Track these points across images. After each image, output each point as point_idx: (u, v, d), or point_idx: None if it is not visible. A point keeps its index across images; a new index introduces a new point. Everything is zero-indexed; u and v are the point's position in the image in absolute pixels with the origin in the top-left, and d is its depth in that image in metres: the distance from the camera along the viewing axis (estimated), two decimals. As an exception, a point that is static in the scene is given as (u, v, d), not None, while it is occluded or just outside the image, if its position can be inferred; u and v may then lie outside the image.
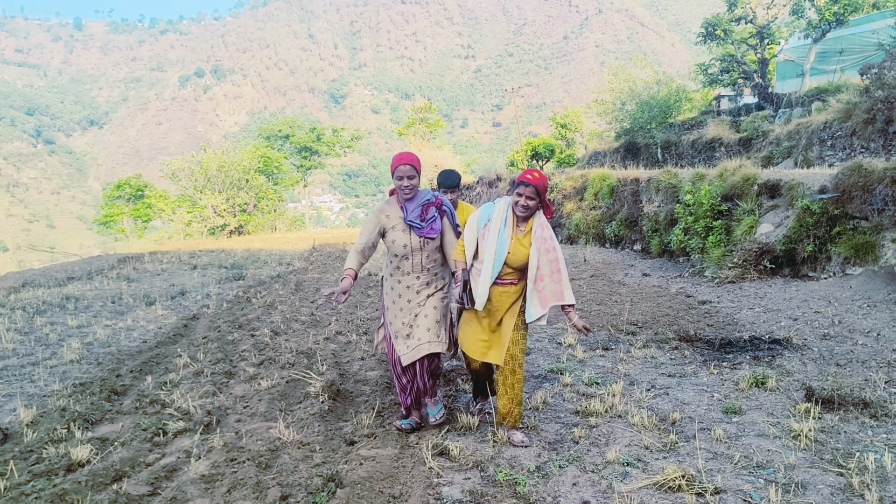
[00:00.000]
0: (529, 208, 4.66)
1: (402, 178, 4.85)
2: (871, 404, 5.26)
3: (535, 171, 4.69)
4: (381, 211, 5.05)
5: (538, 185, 4.60)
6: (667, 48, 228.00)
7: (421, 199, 4.99)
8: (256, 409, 5.72)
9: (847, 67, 24.47)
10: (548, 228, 4.76)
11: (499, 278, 4.75)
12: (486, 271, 4.72)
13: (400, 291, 5.03)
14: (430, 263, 5.05)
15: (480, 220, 4.83)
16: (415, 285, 5.03)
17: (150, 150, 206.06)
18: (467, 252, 4.85)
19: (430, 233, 4.96)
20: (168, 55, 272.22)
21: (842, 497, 3.85)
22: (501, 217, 4.77)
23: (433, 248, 5.04)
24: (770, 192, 12.51)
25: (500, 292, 4.77)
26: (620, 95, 29.64)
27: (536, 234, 4.70)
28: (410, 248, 4.96)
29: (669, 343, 7.82)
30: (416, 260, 4.99)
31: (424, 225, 4.94)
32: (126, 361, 7.55)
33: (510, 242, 4.72)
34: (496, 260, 4.68)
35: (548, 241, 4.71)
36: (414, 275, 5.02)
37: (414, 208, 4.94)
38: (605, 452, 4.60)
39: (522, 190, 4.63)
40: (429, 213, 4.97)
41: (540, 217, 4.77)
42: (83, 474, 4.32)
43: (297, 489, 4.14)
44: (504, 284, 4.77)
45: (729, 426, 5.05)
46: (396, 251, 4.99)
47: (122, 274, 16.60)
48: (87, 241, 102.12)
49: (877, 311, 8.44)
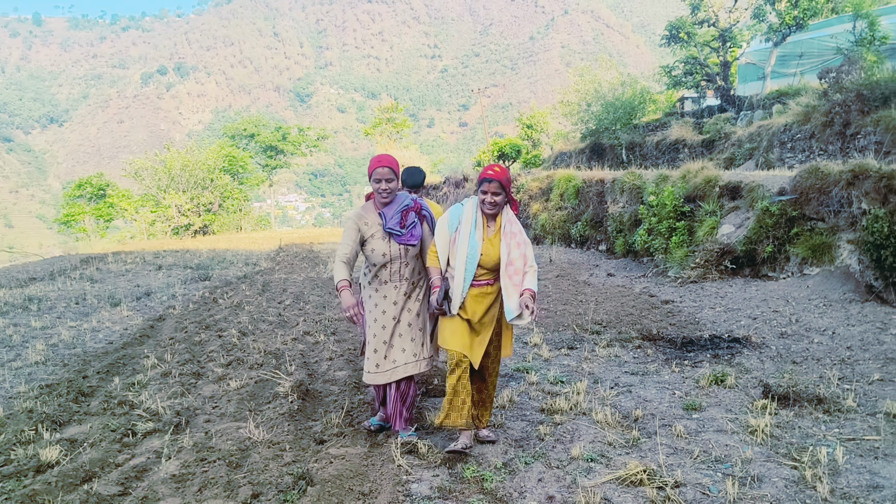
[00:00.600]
0: (497, 204, 4.58)
1: (380, 181, 4.68)
2: (825, 400, 5.45)
3: (497, 166, 4.60)
4: (360, 218, 4.84)
5: (501, 179, 4.51)
6: (632, 49, 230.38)
7: (399, 203, 4.81)
8: (226, 410, 5.75)
9: (807, 71, 24.97)
10: (516, 223, 4.69)
11: (475, 280, 4.63)
12: (459, 275, 4.60)
13: (377, 301, 4.87)
14: (409, 272, 4.89)
15: (451, 223, 4.68)
16: (392, 295, 4.85)
17: (112, 149, 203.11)
18: (441, 257, 4.71)
19: (410, 240, 4.78)
20: (130, 52, 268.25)
21: (795, 489, 4.01)
22: (471, 219, 4.64)
23: (413, 256, 4.88)
24: (731, 193, 12.78)
25: (477, 294, 4.66)
26: (586, 97, 29.96)
27: (506, 230, 4.63)
28: (390, 257, 4.79)
29: (633, 342, 7.99)
30: (394, 268, 4.83)
31: (404, 232, 4.76)
32: (92, 363, 7.52)
33: (482, 243, 4.62)
34: (469, 262, 4.58)
35: (517, 235, 4.63)
36: (392, 284, 4.85)
37: (392, 214, 4.76)
38: (569, 449, 4.72)
39: (487, 187, 4.54)
40: (408, 218, 4.80)
41: (508, 213, 4.69)
42: (53, 475, 4.33)
43: (268, 487, 4.19)
44: (480, 285, 4.66)
45: (689, 422, 5.20)
46: (375, 260, 4.82)
47: (85, 274, 16.41)
48: (46, 240, 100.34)
49: (832, 311, 8.70)
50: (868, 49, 19.42)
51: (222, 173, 41.73)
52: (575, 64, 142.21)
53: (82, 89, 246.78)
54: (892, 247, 8.63)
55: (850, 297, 9.07)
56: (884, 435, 4.76)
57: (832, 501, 3.83)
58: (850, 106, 15.56)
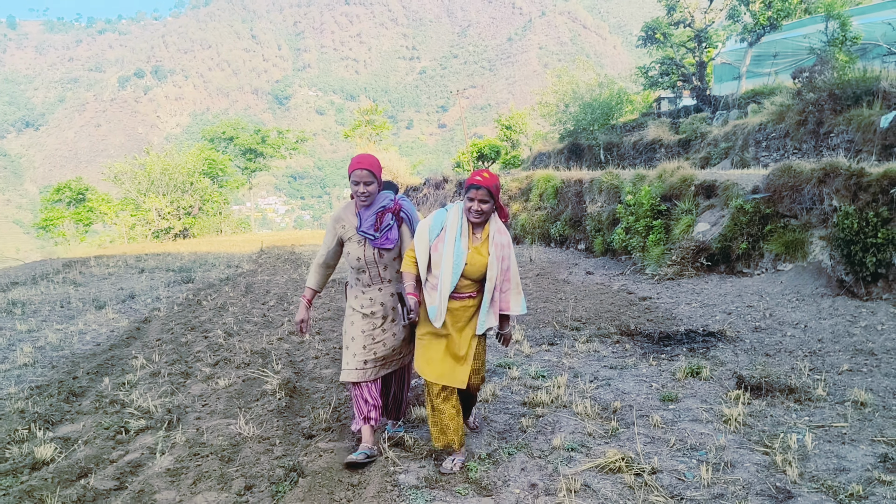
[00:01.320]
0: (484, 212, 4.30)
1: (357, 183, 4.49)
2: (796, 390, 5.67)
3: (485, 172, 4.33)
4: (338, 220, 4.72)
5: (490, 186, 4.23)
6: (609, 50, 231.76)
7: (377, 205, 4.62)
8: (215, 407, 5.88)
9: (781, 70, 25.35)
10: (505, 234, 4.44)
11: (456, 292, 4.35)
12: (443, 285, 4.31)
13: (363, 302, 4.73)
14: (391, 275, 4.73)
15: (433, 228, 4.40)
16: (379, 297, 4.72)
17: (89, 153, 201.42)
18: (420, 264, 4.40)
19: (384, 243, 4.60)
20: (106, 55, 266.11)
21: (766, 473, 4.21)
22: (456, 225, 4.36)
23: (391, 259, 4.70)
24: (706, 192, 13.04)
25: (458, 307, 4.38)
26: (564, 98, 30.26)
27: (495, 241, 4.36)
28: (365, 261, 4.64)
29: (611, 337, 8.19)
30: (373, 272, 4.68)
31: (378, 235, 4.58)
32: (81, 364, 7.60)
33: (467, 252, 4.33)
34: (454, 274, 4.28)
35: (505, 248, 4.39)
36: (375, 287, 4.72)
37: (368, 216, 4.59)
38: (551, 439, 4.89)
39: (474, 194, 4.25)
40: (384, 220, 4.61)
41: (496, 222, 4.43)
42: (49, 472, 4.44)
43: (260, 480, 4.34)
44: (462, 298, 4.38)
45: (666, 413, 5.39)
46: (352, 263, 4.70)
47: (67, 278, 16.40)
48: (23, 245, 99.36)
49: (805, 305, 8.95)
50: (840, 49, 19.78)
51: (202, 176, 41.65)
52: (553, 65, 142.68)
53: (58, 93, 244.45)
54: (862, 242, 8.88)
55: (822, 292, 9.33)
56: (851, 422, 4.98)
57: (801, 484, 4.03)
58: (822, 105, 15.88)
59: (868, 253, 8.82)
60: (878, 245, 8.73)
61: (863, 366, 6.40)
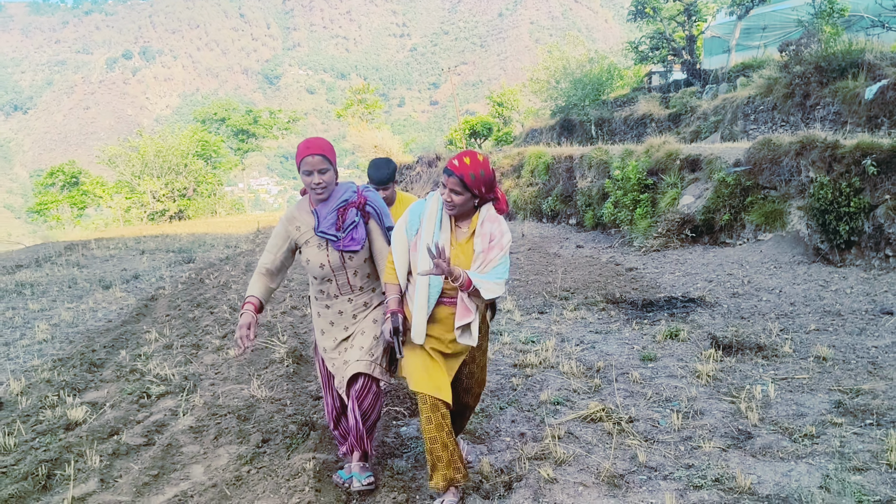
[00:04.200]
0: (455, 205, 3.53)
1: (310, 172, 3.68)
2: (765, 348, 6.14)
3: (467, 156, 3.50)
4: (291, 220, 3.90)
5: (463, 175, 3.44)
6: (600, 24, 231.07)
7: (337, 199, 3.82)
8: (228, 374, 6.32)
9: (770, 43, 25.61)
10: (499, 222, 3.62)
11: (444, 296, 3.60)
12: (420, 295, 3.56)
13: (331, 318, 3.96)
14: (362, 281, 3.94)
15: (410, 225, 3.68)
16: (349, 309, 3.94)
17: (79, 136, 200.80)
18: (399, 270, 3.68)
19: (350, 245, 3.80)
20: (94, 37, 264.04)
21: (731, 419, 4.68)
22: (435, 217, 3.62)
23: (361, 262, 3.89)
24: (691, 166, 13.47)
25: (448, 314, 3.60)
26: (555, 74, 30.51)
27: (483, 233, 3.57)
28: (331, 268, 3.83)
29: (598, 305, 8.65)
30: (341, 281, 3.88)
31: (342, 235, 3.79)
32: (97, 338, 8.04)
33: (450, 250, 3.60)
34: (434, 276, 3.49)
35: (496, 237, 3.56)
36: (345, 297, 3.93)
37: (327, 214, 3.80)
38: (538, 395, 5.35)
39: (445, 180, 3.51)
40: (347, 217, 3.82)
41: (487, 209, 3.64)
42: (83, 431, 4.89)
43: (276, 434, 4.79)
44: (452, 303, 3.60)
45: (644, 370, 5.86)
46: (314, 273, 3.88)
47: (70, 260, 16.80)
48: (15, 230, 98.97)
49: (781, 272, 9.42)
50: (826, 21, 20.12)
51: (196, 158, 41.90)
52: (544, 40, 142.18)
53: (46, 76, 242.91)
54: (836, 212, 9.35)
55: (799, 260, 9.80)
56: (811, 374, 5.45)
57: (761, 427, 4.50)
58: (809, 78, 16.22)
59: (842, 221, 9.29)
60: (851, 214, 9.20)
61: (829, 326, 6.88)
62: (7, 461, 4.40)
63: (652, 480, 3.86)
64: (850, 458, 3.93)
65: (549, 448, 4.29)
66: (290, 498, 3.79)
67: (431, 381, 3.58)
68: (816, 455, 4.01)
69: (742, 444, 4.25)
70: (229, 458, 4.45)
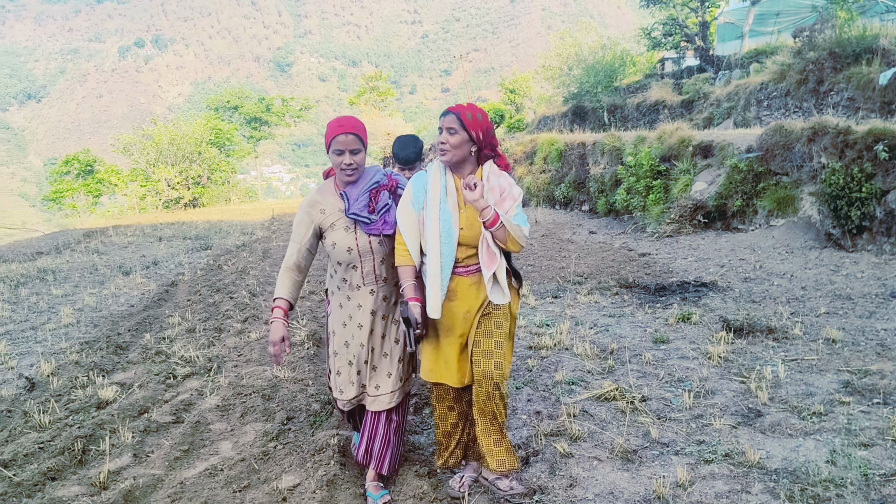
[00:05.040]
0: (451, 147, 3.32)
1: (341, 152, 3.48)
2: (775, 330, 6.26)
3: (466, 104, 3.38)
4: (314, 204, 3.65)
5: (460, 113, 3.30)
6: (612, 10, 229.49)
7: (368, 181, 3.62)
8: (250, 357, 6.50)
9: (784, 29, 25.48)
10: (504, 176, 3.46)
11: (459, 265, 3.42)
12: (433, 265, 3.36)
13: (350, 312, 3.69)
14: (387, 271, 3.68)
15: (415, 198, 3.47)
16: (369, 303, 3.66)
17: (92, 124, 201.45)
18: (411, 249, 3.45)
19: (384, 228, 3.58)
20: (106, 25, 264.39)
21: (741, 398, 4.81)
22: (439, 184, 3.43)
23: (390, 250, 3.64)
24: (703, 152, 13.53)
25: (467, 285, 3.44)
26: (567, 61, 30.48)
27: (491, 185, 3.40)
28: (358, 252, 3.58)
29: (611, 290, 8.77)
30: (367, 268, 3.62)
31: (375, 218, 3.57)
32: (121, 322, 8.24)
33: (459, 214, 3.40)
34: (444, 244, 3.36)
35: (505, 188, 3.41)
36: (367, 289, 3.65)
37: (358, 195, 3.57)
38: (553, 376, 5.50)
39: (441, 122, 3.34)
40: (379, 199, 3.61)
41: (489, 165, 3.46)
42: (113, 409, 5.08)
43: (299, 412, 4.97)
44: (470, 273, 3.44)
45: (657, 352, 5.99)
46: (339, 257, 3.62)
47: (89, 247, 17.05)
48: (30, 218, 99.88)
49: (793, 257, 9.52)
50: (840, 6, 20.03)
51: (209, 146, 42.13)
52: (556, 26, 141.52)
53: (59, 64, 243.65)
54: (847, 197, 9.42)
55: (811, 245, 9.89)
56: (821, 355, 5.57)
57: (770, 405, 4.63)
58: (823, 63, 16.18)
59: (853, 207, 9.37)
60: (863, 199, 9.28)
61: (839, 309, 6.99)
62: (44, 437, 4.59)
63: (664, 455, 4.01)
64: (856, 434, 4.06)
65: (565, 425, 4.44)
66: (315, 471, 3.96)
67: (435, 368, 3.55)
68: (824, 432, 4.14)
69: (752, 422, 4.39)
70: (256, 435, 4.63)
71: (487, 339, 3.42)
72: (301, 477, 3.95)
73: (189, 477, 4.06)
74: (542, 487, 3.71)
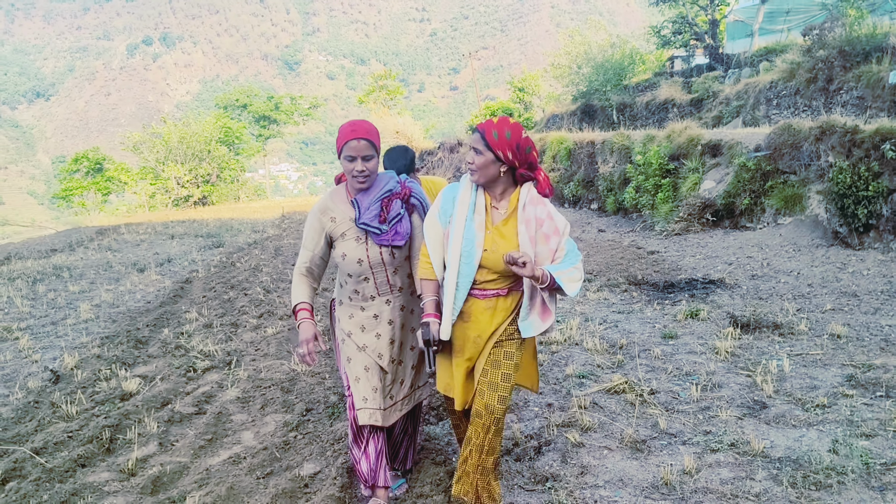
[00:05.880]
0: (477, 168, 3.13)
1: (353, 158, 3.30)
2: (781, 326, 6.38)
3: (495, 117, 3.19)
4: (325, 211, 3.48)
5: (485, 131, 3.08)
6: (622, 8, 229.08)
7: (380, 189, 3.45)
8: (267, 351, 6.67)
9: (794, 27, 25.47)
10: (543, 204, 3.21)
11: (477, 287, 3.22)
12: (450, 283, 3.20)
13: (363, 322, 3.52)
14: (402, 280, 3.56)
15: (443, 211, 3.29)
16: (386, 313, 3.52)
17: (100, 122, 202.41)
18: (435, 263, 3.29)
19: (395, 239, 3.43)
20: (114, 23, 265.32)
21: (747, 391, 4.94)
22: (468, 199, 3.22)
23: (402, 260, 3.54)
24: (712, 151, 13.63)
25: (482, 308, 3.23)
26: (576, 59, 30.53)
27: (526, 217, 3.14)
28: (369, 264, 3.44)
29: (620, 287, 8.90)
30: (380, 279, 3.48)
31: (386, 228, 3.40)
32: (139, 318, 8.42)
33: (484, 234, 3.18)
34: (465, 264, 3.17)
35: (544, 221, 3.14)
36: (383, 298, 3.52)
37: (370, 204, 3.40)
38: (564, 370, 5.64)
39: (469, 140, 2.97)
40: (392, 209, 3.44)
41: (528, 189, 3.23)
42: (138, 400, 5.25)
43: (318, 404, 5.12)
44: (487, 297, 3.22)
45: (666, 347, 6.13)
46: (350, 269, 3.46)
47: (102, 245, 17.27)
48: (39, 216, 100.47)
49: (800, 255, 9.63)
50: (850, 4, 20.06)
51: (219, 145, 42.39)
52: (565, 24, 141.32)
53: (68, 62, 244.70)
54: (854, 196, 9.52)
55: (818, 243, 9.99)
56: (825, 350, 5.70)
57: (775, 398, 4.77)
58: (832, 62, 16.22)
59: (860, 205, 9.46)
60: (870, 198, 9.37)
61: (845, 305, 7.11)
62: (72, 426, 4.77)
63: (672, 445, 4.15)
64: (858, 425, 4.19)
65: (576, 416, 4.58)
66: (335, 460, 4.11)
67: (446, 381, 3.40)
68: (827, 423, 4.28)
69: (757, 414, 4.52)
70: (276, 425, 4.79)
71: (495, 371, 3.24)
72: (321, 465, 4.10)
73: (214, 464, 4.22)
74: (555, 475, 3.85)
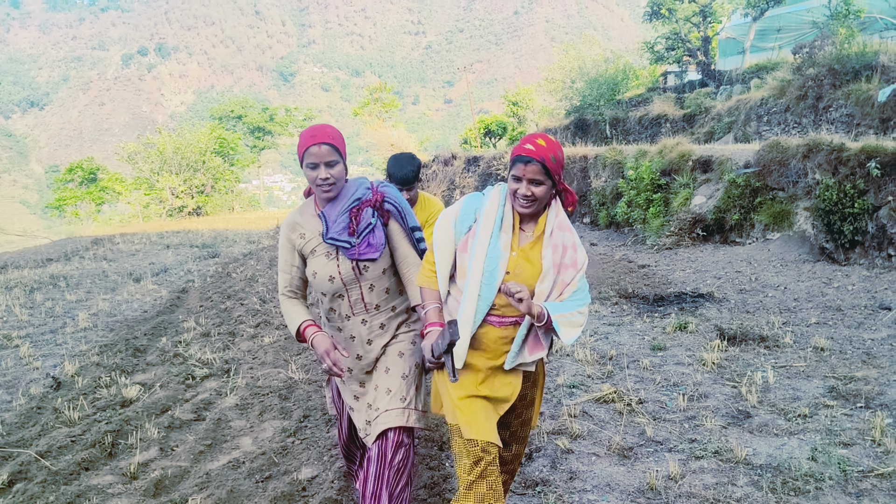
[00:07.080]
0: (536, 200, 2.81)
1: (315, 165, 3.02)
2: (767, 339, 6.55)
3: (539, 138, 2.80)
4: (293, 227, 3.22)
5: (545, 159, 2.73)
6: (616, 23, 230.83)
7: (348, 198, 3.15)
8: (265, 359, 6.80)
9: (785, 45, 25.78)
10: (570, 231, 2.91)
11: (493, 313, 2.84)
12: (468, 305, 2.81)
13: (342, 344, 3.25)
14: (378, 297, 3.22)
15: (461, 219, 2.93)
16: (363, 333, 3.22)
17: (94, 132, 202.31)
18: (440, 274, 2.95)
19: (366, 252, 3.11)
20: (110, 33, 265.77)
21: (732, 401, 5.10)
22: (495, 215, 2.87)
23: (378, 274, 3.20)
24: (703, 167, 13.84)
25: (496, 336, 2.85)
26: (570, 74, 30.78)
27: (553, 242, 2.84)
28: (342, 281, 3.13)
29: (611, 300, 9.06)
30: (354, 297, 3.17)
31: (356, 241, 3.09)
32: (136, 327, 8.54)
33: (509, 256, 2.84)
34: (485, 286, 2.79)
35: (568, 250, 2.85)
36: (358, 318, 3.21)
37: (337, 216, 3.12)
38: (555, 380, 5.78)
39: (521, 171, 2.77)
40: (361, 219, 3.12)
41: (557, 211, 2.92)
42: (138, 407, 5.37)
43: (315, 411, 5.26)
44: (505, 324, 2.84)
45: (654, 359, 6.28)
46: (323, 288, 3.17)
47: (98, 254, 17.36)
48: (31, 226, 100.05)
49: (787, 269, 9.81)
50: (841, 23, 20.34)
51: (214, 155, 42.53)
52: (560, 38, 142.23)
53: (62, 72, 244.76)
54: (840, 212, 9.72)
55: (805, 258, 10.19)
56: (809, 362, 5.86)
57: (759, 408, 4.92)
58: (822, 80, 16.45)
59: (846, 222, 9.67)
60: (855, 214, 9.58)
61: (829, 319, 7.28)
62: (75, 431, 4.89)
63: (658, 452, 4.29)
64: (838, 434, 4.35)
65: (566, 424, 4.73)
66: (332, 465, 4.25)
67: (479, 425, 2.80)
68: (807, 432, 4.43)
69: (741, 423, 4.68)
70: (274, 431, 4.92)
71: (524, 428, 3.10)
72: (319, 469, 4.23)
73: (214, 469, 4.35)
74: (545, 480, 4.00)
